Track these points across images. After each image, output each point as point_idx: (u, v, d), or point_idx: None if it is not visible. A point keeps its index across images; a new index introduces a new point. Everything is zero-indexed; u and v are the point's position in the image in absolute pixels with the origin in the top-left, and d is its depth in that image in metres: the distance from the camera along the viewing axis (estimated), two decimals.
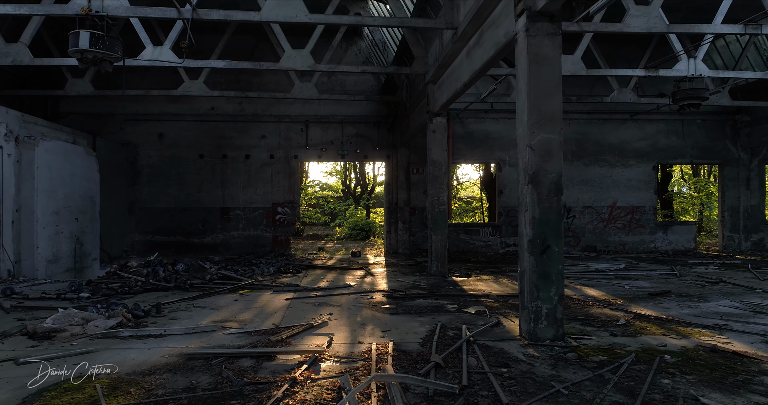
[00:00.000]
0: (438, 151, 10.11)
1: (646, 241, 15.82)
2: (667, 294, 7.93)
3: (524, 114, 5.14)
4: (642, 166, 15.87)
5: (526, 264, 5.11)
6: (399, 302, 7.32)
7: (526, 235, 5.12)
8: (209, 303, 7.27)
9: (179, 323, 5.94)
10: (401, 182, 15.22)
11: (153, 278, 8.86)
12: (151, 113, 14.70)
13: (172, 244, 14.74)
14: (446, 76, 9.17)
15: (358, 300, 7.53)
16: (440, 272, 10.04)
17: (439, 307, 6.97)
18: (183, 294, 8.00)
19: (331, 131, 15.29)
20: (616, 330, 5.59)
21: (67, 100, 14.41)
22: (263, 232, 15.02)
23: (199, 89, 12.15)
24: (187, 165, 14.79)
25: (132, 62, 9.81)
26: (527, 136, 5.08)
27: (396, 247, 15.24)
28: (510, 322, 5.96)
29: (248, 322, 6.05)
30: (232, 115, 14.98)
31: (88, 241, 11.85)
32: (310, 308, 6.88)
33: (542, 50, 5.07)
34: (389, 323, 5.95)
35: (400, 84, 13.42)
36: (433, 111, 10.06)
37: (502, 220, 15.47)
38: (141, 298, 7.74)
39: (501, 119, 15.49)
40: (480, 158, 15.62)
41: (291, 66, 10.03)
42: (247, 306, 7.05)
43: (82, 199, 11.55)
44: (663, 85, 15.35)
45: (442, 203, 10.09)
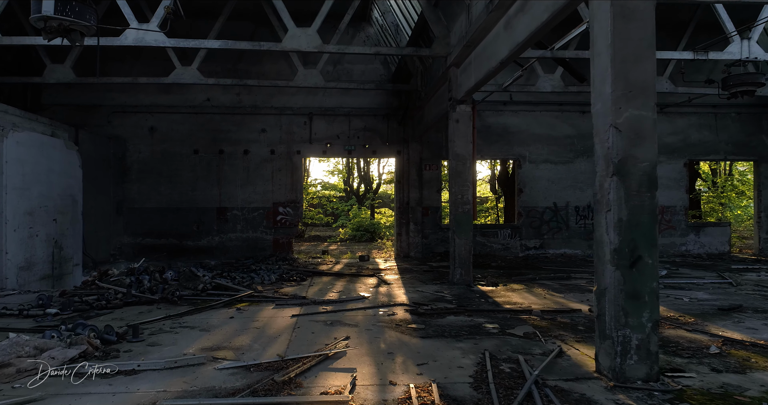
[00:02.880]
0: (461, 143, 8.92)
1: (677, 243, 14.64)
2: (740, 309, 6.73)
3: (605, 84, 3.95)
4: (672, 163, 14.67)
5: (608, 280, 3.93)
6: (427, 320, 6.12)
7: (608, 243, 3.93)
8: (200, 321, 6.07)
9: (160, 351, 4.75)
10: (413, 180, 14.03)
11: (137, 289, 7.66)
12: (141, 105, 13.49)
13: (163, 248, 13.54)
14: (474, 56, 7.97)
15: (376, 317, 6.34)
16: (464, 281, 8.85)
17: (477, 327, 5.77)
18: (170, 309, 6.80)
19: (336, 124, 14.10)
20: (714, 362, 4.40)
21: (50, 91, 13.20)
22: (263, 234, 13.82)
23: (193, 76, 10.95)
24: (181, 161, 13.59)
25: (113, 42, 8.61)
26: (610, 112, 3.89)
27: (407, 251, 14.05)
28: (574, 351, 4.77)
29: (246, 349, 4.85)
30: (229, 106, 13.78)
31: (69, 245, 10.64)
32: (321, 329, 5.69)
33: (631, 1, 3.88)
34: (423, 352, 4.75)
35: (415, 71, 12.22)
36: (456, 97, 8.87)
37: (521, 222, 14.27)
38: (120, 314, 6.55)
39: (521, 112, 14.31)
40: (498, 154, 14.43)
41: (295, 46, 8.83)
42: (245, 325, 5.85)
43: (62, 198, 10.34)
44: (696, 75, 14.16)
45: (466, 202, 8.89)
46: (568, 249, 14.35)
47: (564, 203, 14.40)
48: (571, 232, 14.38)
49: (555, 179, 14.39)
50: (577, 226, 14.41)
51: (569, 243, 14.38)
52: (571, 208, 14.41)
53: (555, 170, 14.41)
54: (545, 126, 14.42)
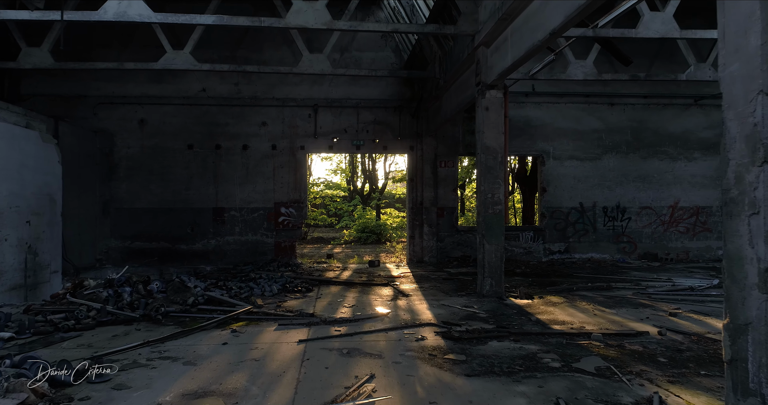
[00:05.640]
0: (492, 134, 7.75)
1: (713, 247, 13.46)
2: None
3: (750, 35, 2.78)
4: (708, 160, 13.51)
5: (752, 312, 2.76)
6: (465, 348, 4.95)
7: (753, 259, 2.76)
8: (185, 349, 4.91)
9: (127, 400, 3.59)
10: (427, 178, 12.86)
11: (114, 304, 6.50)
12: (130, 95, 12.32)
13: (155, 252, 12.37)
14: (512, 31, 6.81)
15: (402, 343, 5.17)
16: (495, 293, 7.68)
17: (532, 358, 4.61)
18: (151, 330, 5.65)
19: (344, 117, 12.93)
20: None
21: (29, 80, 12.04)
22: (264, 236, 12.65)
23: (185, 61, 9.78)
24: (174, 157, 12.43)
25: (91, 16, 7.49)
26: (759, 74, 2.72)
27: (421, 255, 12.88)
28: (675, 398, 3.61)
29: (241, 396, 3.69)
30: (227, 98, 12.62)
31: (46, 250, 9.47)
32: (336, 361, 4.52)
33: None
34: (475, 400, 3.59)
35: (432, 57, 11.05)
36: (486, 81, 7.70)
37: (545, 223, 13.10)
38: (90, 337, 5.40)
39: (544, 104, 13.15)
40: (519, 150, 13.24)
41: (301, 22, 7.67)
42: (241, 356, 4.68)
43: (37, 197, 9.18)
44: None
45: (497, 202, 7.72)
46: (595, 253, 13.18)
47: (591, 203, 13.23)
48: (598, 235, 13.22)
49: (581, 177, 13.23)
50: (605, 228, 13.25)
51: (597, 247, 13.21)
52: (599, 209, 13.24)
53: (581, 167, 13.25)
54: (570, 119, 13.26)
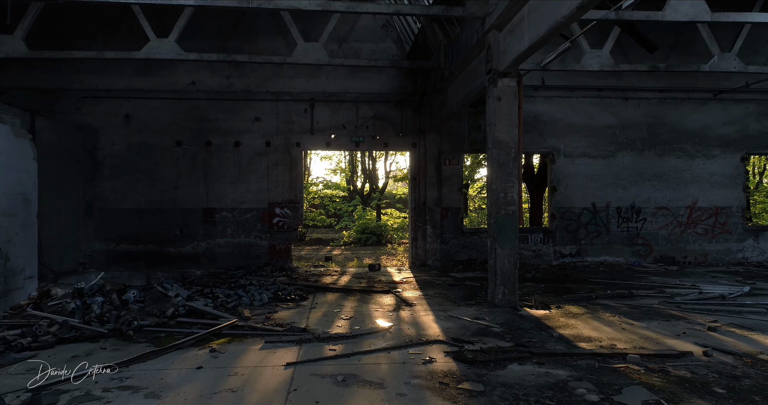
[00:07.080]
0: (505, 127, 7.01)
1: (733, 250, 12.72)
2: None
3: None
4: (728, 157, 12.76)
5: None
6: (482, 373, 4.21)
7: None
8: (151, 375, 4.17)
9: None
10: (431, 177, 12.11)
11: (81, 317, 5.76)
12: (114, 89, 11.58)
13: (142, 255, 11.63)
14: (528, 10, 6.07)
15: (408, 367, 4.43)
16: (509, 302, 6.94)
17: (562, 388, 3.87)
18: (118, 349, 4.91)
19: (342, 112, 12.18)
20: None
21: (6, 72, 11.28)
22: (257, 239, 11.91)
23: (170, 50, 9.02)
24: (161, 154, 11.68)
25: None
26: None
27: (424, 258, 12.13)
28: None
29: None
30: (218, 91, 11.87)
31: (19, 254, 8.72)
32: (329, 393, 3.78)
33: None
34: None
35: (436, 46, 10.30)
36: (498, 69, 6.96)
37: (555, 225, 12.35)
38: (46, 357, 4.66)
39: (555, 98, 12.40)
40: (528, 147, 12.47)
41: (294, 4, 6.95)
42: (216, 384, 3.95)
43: (9, 197, 8.43)
44: (754, 56, 12.28)
45: (510, 202, 6.99)
46: (608, 256, 12.43)
47: (604, 204, 12.48)
48: (612, 237, 12.47)
49: (594, 176, 12.48)
50: (619, 230, 12.50)
51: (610, 249, 12.46)
52: (612, 210, 12.50)
53: (594, 165, 12.50)
54: (582, 115, 12.51)
